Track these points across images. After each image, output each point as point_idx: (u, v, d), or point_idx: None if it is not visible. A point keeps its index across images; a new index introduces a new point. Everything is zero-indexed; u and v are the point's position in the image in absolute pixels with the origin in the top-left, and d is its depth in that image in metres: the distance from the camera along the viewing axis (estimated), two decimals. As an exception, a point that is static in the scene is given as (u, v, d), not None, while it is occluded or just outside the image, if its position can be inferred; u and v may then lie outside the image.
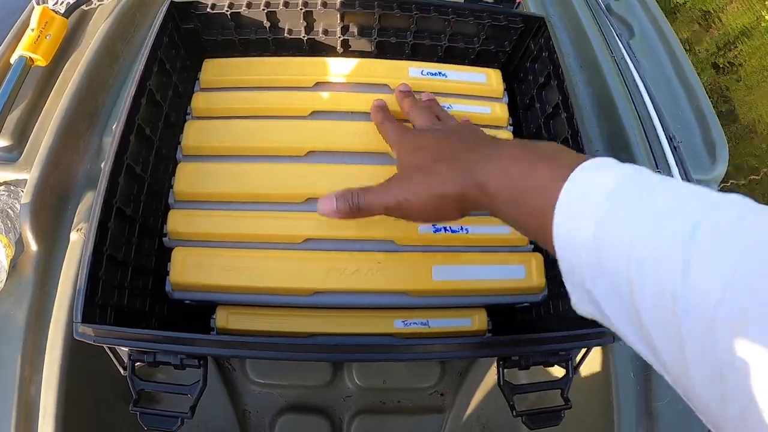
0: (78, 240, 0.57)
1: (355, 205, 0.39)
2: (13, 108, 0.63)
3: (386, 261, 0.47)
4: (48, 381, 0.51)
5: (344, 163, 0.50)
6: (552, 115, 0.54)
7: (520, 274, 0.48)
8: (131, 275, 0.45)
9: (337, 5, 0.52)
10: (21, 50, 0.63)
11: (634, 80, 0.67)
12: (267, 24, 0.53)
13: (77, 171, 0.62)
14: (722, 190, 0.64)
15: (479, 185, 0.32)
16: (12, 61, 0.64)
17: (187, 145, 0.51)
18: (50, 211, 0.58)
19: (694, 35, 2.51)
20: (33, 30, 0.64)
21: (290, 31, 0.54)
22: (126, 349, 0.40)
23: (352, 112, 0.53)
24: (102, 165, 0.49)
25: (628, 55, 0.70)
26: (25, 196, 0.57)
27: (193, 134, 0.51)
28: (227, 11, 0.51)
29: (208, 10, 0.51)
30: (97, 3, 0.71)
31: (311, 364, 0.72)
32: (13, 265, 0.57)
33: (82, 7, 0.70)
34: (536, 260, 0.49)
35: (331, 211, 0.40)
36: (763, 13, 2.53)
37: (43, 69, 0.67)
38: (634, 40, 0.75)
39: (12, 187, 0.61)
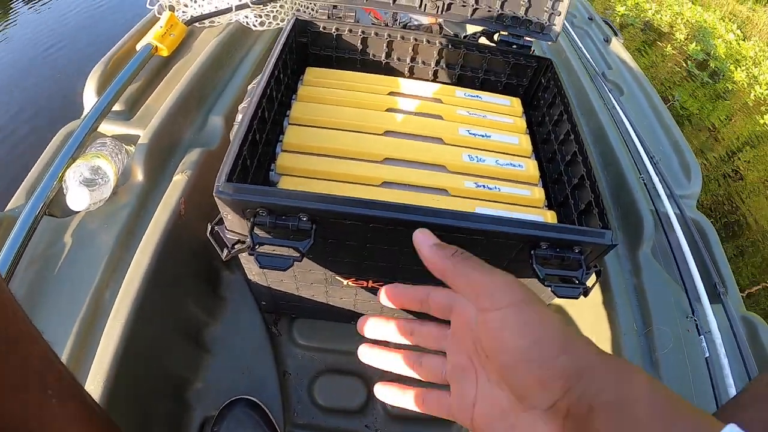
0: (181, 179, 0.82)
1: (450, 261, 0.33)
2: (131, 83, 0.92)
3: (442, 200, 0.72)
4: (127, 286, 0.70)
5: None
6: (557, 123, 0.84)
7: (539, 219, 0.74)
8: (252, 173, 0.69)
9: (411, 39, 0.84)
10: (150, 38, 0.94)
11: (622, 120, 0.98)
12: (359, 47, 0.85)
13: (183, 136, 0.89)
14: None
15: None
16: (138, 47, 0.95)
17: (294, 116, 0.78)
18: (158, 156, 0.84)
19: (704, 144, 3.00)
20: (162, 27, 0.96)
21: (374, 55, 0.86)
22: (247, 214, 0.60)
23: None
24: (241, 110, 0.77)
25: (618, 105, 1.02)
26: (142, 140, 0.83)
27: (298, 110, 0.79)
28: (333, 32, 0.83)
29: (321, 29, 0.83)
30: (209, 23, 1.06)
31: (353, 332, 0.91)
32: (114, 192, 0.81)
33: (196, 24, 1.04)
34: (551, 214, 0.75)
35: (424, 243, 0.36)
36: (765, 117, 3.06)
37: (161, 59, 0.98)
38: (623, 97, 1.08)
39: (117, 141, 0.87)
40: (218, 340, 0.87)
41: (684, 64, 3.64)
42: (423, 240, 0.36)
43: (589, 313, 0.87)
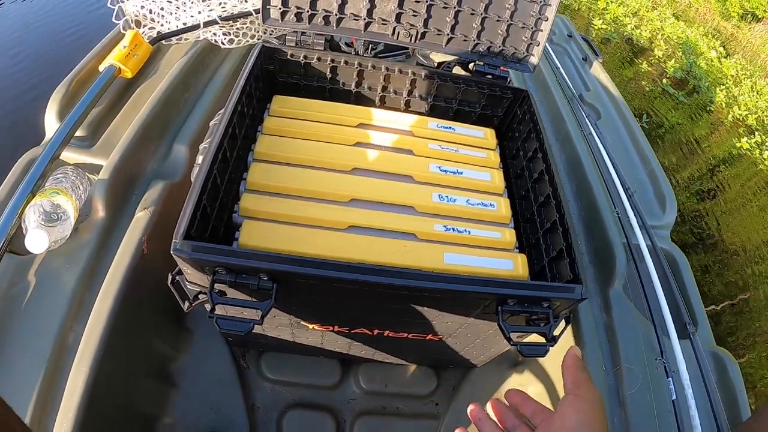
0: (143, 216, 0.80)
1: None
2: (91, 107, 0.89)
3: (410, 245, 0.71)
4: (91, 330, 0.69)
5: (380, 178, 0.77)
6: (532, 159, 0.82)
7: (509, 266, 0.73)
8: (211, 227, 0.67)
9: (382, 69, 0.82)
10: (112, 60, 0.91)
11: (599, 148, 0.97)
12: (329, 75, 0.82)
13: (147, 166, 0.87)
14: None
15: None
16: (101, 68, 0.92)
17: (258, 151, 0.76)
18: (120, 189, 0.82)
19: (678, 161, 3.02)
20: (125, 47, 0.92)
21: (344, 84, 0.84)
22: (205, 275, 0.59)
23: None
24: (202, 150, 0.74)
25: (595, 132, 1.01)
26: (103, 173, 0.81)
27: (264, 145, 0.77)
28: (301, 60, 0.81)
29: (288, 56, 0.80)
30: (176, 41, 1.02)
31: (322, 365, 0.91)
32: (75, 228, 0.79)
33: (162, 41, 1.00)
34: (521, 258, 0.74)
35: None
36: (742, 140, 3.09)
37: (125, 81, 0.94)
38: (600, 121, 1.07)
39: (79, 170, 0.85)
40: (186, 374, 0.86)
41: (659, 82, 3.62)
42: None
43: (557, 350, 0.86)
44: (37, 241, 0.74)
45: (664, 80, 3.63)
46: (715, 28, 5.04)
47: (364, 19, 0.81)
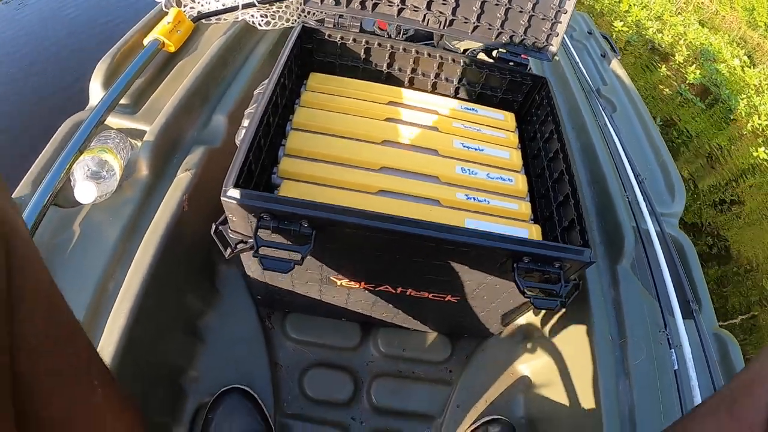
0: (185, 177, 0.89)
1: None
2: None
3: (434, 210, 0.80)
4: (131, 278, 0.77)
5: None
6: (548, 140, 0.92)
7: (524, 234, 0.82)
8: (253, 184, 0.76)
9: (412, 52, 0.92)
10: (157, 33, 1.01)
11: (612, 138, 1.06)
12: (363, 56, 0.92)
13: (187, 133, 0.97)
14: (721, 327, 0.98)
15: None
16: (146, 42, 1.02)
17: (297, 121, 0.85)
18: (163, 152, 0.91)
19: (698, 171, 3.08)
20: (169, 23, 1.02)
21: (376, 65, 0.94)
22: (252, 217, 0.67)
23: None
24: (247, 115, 0.84)
25: (610, 123, 1.10)
26: (148, 135, 0.90)
27: (302, 116, 0.86)
28: (338, 41, 0.90)
29: (326, 37, 0.90)
30: (215, 20, 1.12)
31: (343, 328, 1.00)
32: (119, 186, 0.88)
33: (202, 21, 1.10)
34: (536, 228, 0.83)
35: None
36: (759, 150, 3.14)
37: (166, 54, 1.05)
38: (615, 114, 1.17)
39: (122, 134, 0.93)
40: (213, 331, 0.94)
41: (678, 88, 3.68)
42: None
43: (567, 322, 0.95)
44: (86, 191, 0.83)
45: (683, 86, 3.69)
46: (741, 36, 5.07)
47: (398, 5, 0.91)
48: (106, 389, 0.45)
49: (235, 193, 0.63)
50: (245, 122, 0.82)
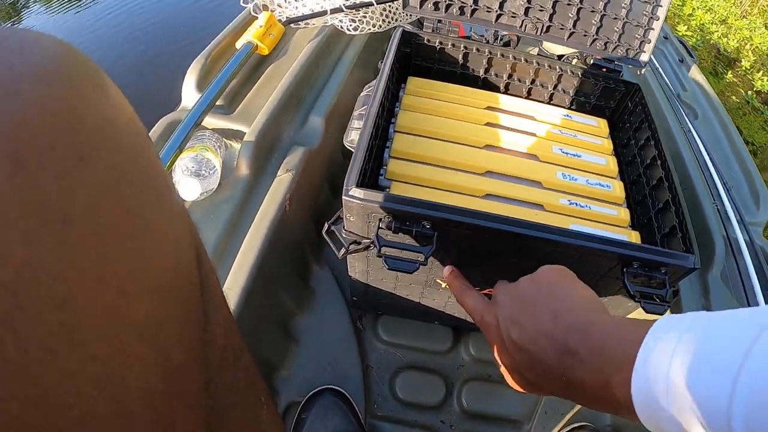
0: (286, 177, 0.96)
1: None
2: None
3: (540, 215, 0.86)
4: (235, 274, 0.83)
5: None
6: (643, 147, 0.97)
7: (624, 240, 0.88)
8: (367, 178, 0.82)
9: (510, 57, 0.98)
10: (250, 37, 1.08)
11: (697, 144, 1.12)
12: (461, 61, 0.98)
13: (284, 134, 1.04)
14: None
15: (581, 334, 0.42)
16: (239, 45, 1.09)
17: (400, 124, 0.91)
18: (263, 152, 0.97)
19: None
20: (261, 27, 1.10)
21: (473, 70, 1.00)
22: (376, 216, 0.73)
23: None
24: (358, 116, 0.90)
25: (694, 129, 1.16)
26: (248, 135, 0.96)
27: (404, 119, 0.92)
28: (437, 45, 0.97)
29: (425, 41, 0.97)
30: (303, 25, 1.20)
31: (435, 332, 1.05)
32: (219, 184, 0.95)
33: (291, 25, 1.18)
34: (635, 235, 0.89)
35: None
36: None
37: (256, 57, 1.12)
38: (697, 120, 1.22)
39: (216, 134, 1.01)
40: (306, 331, 1.00)
41: (745, 95, 3.66)
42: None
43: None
44: (190, 187, 0.90)
45: (750, 92, 3.68)
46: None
47: (496, 11, 0.97)
48: (270, 406, 0.50)
49: (357, 192, 0.68)
50: (355, 123, 0.88)
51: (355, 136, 1.03)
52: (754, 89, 3.73)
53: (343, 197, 0.69)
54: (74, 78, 0.25)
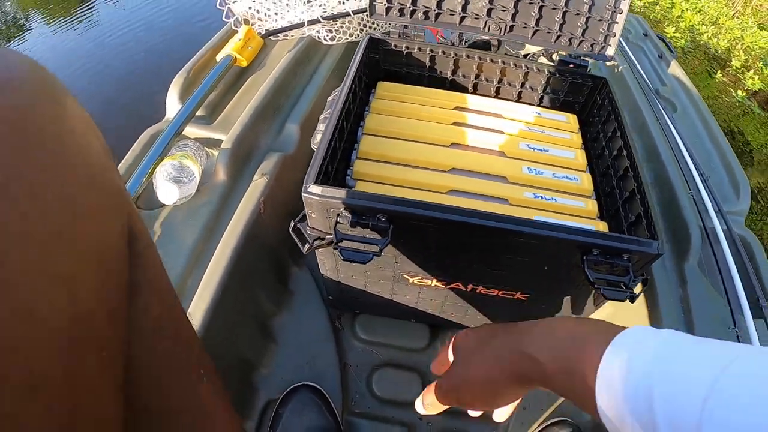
0: (261, 182, 1.00)
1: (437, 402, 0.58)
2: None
3: (503, 209, 0.88)
4: (209, 276, 0.86)
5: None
6: (611, 139, 0.99)
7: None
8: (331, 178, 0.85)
9: (476, 58, 1.01)
10: (230, 50, 1.14)
11: (674, 137, 1.13)
12: (428, 64, 1.01)
13: (261, 141, 1.08)
14: None
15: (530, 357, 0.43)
16: (218, 58, 1.15)
17: (368, 127, 0.94)
18: (240, 159, 1.02)
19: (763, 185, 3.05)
20: (240, 39, 1.15)
21: (441, 72, 1.03)
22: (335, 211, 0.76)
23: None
24: (322, 120, 0.93)
25: (671, 122, 1.17)
26: (225, 143, 1.00)
27: (372, 122, 0.95)
28: (404, 50, 1.00)
29: (392, 47, 1.00)
30: (282, 37, 1.25)
31: (412, 329, 1.07)
32: (197, 190, 0.99)
33: (271, 37, 1.23)
34: (603, 225, 0.90)
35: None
36: None
37: (237, 69, 1.17)
38: (677, 114, 1.23)
39: (198, 143, 1.05)
40: (284, 330, 1.04)
41: (735, 94, 3.66)
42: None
43: (636, 321, 1.01)
44: (168, 192, 0.94)
45: (740, 92, 3.67)
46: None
47: (459, 14, 1.01)
48: (213, 379, 0.52)
49: (316, 189, 0.71)
50: (321, 126, 0.91)
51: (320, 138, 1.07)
52: (745, 88, 3.71)
53: (303, 194, 0.72)
54: (27, 88, 0.30)
